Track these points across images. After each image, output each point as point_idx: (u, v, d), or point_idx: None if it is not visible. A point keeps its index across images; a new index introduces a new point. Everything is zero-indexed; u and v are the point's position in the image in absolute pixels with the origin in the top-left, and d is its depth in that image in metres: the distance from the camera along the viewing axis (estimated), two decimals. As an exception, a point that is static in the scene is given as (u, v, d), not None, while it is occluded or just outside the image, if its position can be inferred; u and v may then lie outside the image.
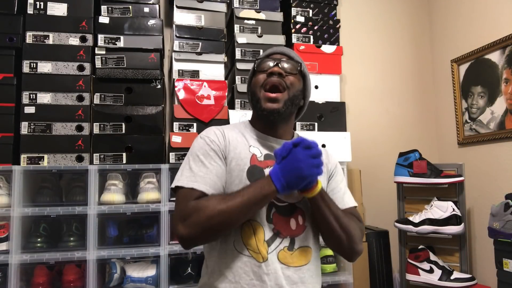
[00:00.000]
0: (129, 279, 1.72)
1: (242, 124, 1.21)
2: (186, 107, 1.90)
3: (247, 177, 1.06)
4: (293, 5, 2.19)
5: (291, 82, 1.12)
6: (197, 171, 1.04)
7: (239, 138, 1.13)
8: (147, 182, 1.80)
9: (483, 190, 2.26)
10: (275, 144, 1.14)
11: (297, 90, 1.14)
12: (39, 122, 1.76)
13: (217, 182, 1.05)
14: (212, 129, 1.13)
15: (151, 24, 1.92)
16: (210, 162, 1.05)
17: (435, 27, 2.73)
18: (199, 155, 1.07)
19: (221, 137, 1.11)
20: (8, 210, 1.65)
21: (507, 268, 1.77)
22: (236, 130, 1.16)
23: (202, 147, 1.08)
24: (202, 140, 1.10)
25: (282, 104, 1.10)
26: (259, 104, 1.11)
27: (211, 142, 1.09)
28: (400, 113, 2.68)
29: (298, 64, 1.16)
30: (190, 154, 1.09)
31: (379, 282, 2.18)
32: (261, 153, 1.12)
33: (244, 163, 1.08)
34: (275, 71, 1.11)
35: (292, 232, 1.07)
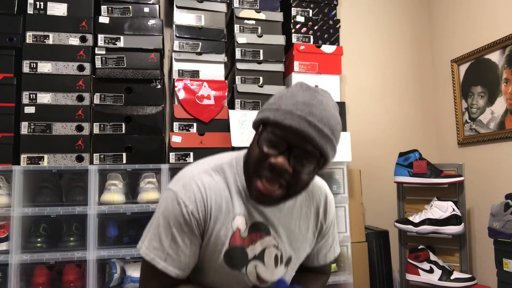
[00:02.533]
0: (129, 279, 1.72)
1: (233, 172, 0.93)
2: (186, 107, 1.90)
3: (225, 261, 0.90)
4: (293, 5, 2.19)
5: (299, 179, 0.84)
6: (167, 246, 0.86)
7: (224, 205, 0.90)
8: (147, 182, 1.80)
9: (483, 190, 2.26)
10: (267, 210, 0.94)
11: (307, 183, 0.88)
12: (39, 122, 1.76)
13: (188, 264, 0.89)
14: (193, 191, 0.88)
15: (151, 24, 1.92)
16: (183, 240, 0.87)
17: (435, 27, 2.73)
18: (172, 226, 0.86)
19: (202, 207, 0.88)
20: (8, 210, 1.65)
21: (507, 268, 1.77)
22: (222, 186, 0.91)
23: (176, 216, 0.86)
24: (178, 207, 0.86)
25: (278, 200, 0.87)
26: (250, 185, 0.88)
27: (188, 215, 0.86)
28: (400, 113, 2.68)
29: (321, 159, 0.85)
30: (162, 217, 0.88)
31: (379, 282, 2.18)
32: (246, 224, 0.91)
33: (222, 242, 0.89)
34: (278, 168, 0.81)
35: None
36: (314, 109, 0.80)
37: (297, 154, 0.81)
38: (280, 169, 0.81)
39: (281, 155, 0.81)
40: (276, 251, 0.96)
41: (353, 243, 2.03)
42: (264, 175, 0.83)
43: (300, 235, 1.00)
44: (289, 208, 0.98)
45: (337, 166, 2.07)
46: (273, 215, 0.95)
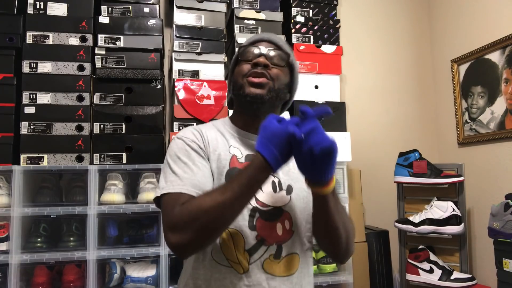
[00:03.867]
0: (129, 279, 1.72)
1: (221, 122, 1.11)
2: (186, 107, 1.90)
3: (226, 180, 0.96)
4: (293, 5, 2.19)
5: (277, 75, 1.02)
6: (182, 173, 0.92)
7: (219, 138, 1.03)
8: (147, 182, 1.80)
9: (483, 190, 2.26)
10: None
11: (283, 84, 1.04)
12: (39, 122, 1.76)
13: (206, 183, 0.93)
14: (189, 129, 1.03)
15: (151, 24, 1.92)
16: (194, 163, 0.95)
17: (435, 27, 2.73)
18: (180, 156, 0.96)
19: (200, 137, 1.00)
20: (8, 210, 1.65)
21: (507, 268, 1.77)
22: (214, 129, 1.06)
23: (181, 147, 0.97)
24: (180, 140, 0.99)
25: (267, 91, 1.00)
26: (242, 90, 1.01)
27: (191, 142, 0.98)
28: (400, 113, 2.68)
29: (286, 55, 1.05)
30: (170, 157, 0.97)
31: (379, 282, 2.18)
32: (241, 153, 1.02)
33: (223, 165, 0.98)
34: (260, 62, 1.00)
35: (279, 238, 0.97)
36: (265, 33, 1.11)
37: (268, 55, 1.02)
38: (262, 62, 1.00)
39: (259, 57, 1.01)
40: (272, 178, 1.01)
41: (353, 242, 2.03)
42: (252, 73, 1.00)
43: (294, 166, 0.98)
44: None
45: (337, 166, 2.07)
46: None
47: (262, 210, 0.97)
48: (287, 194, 1.01)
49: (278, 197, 1.00)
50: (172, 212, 0.86)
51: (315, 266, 1.95)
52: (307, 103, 2.07)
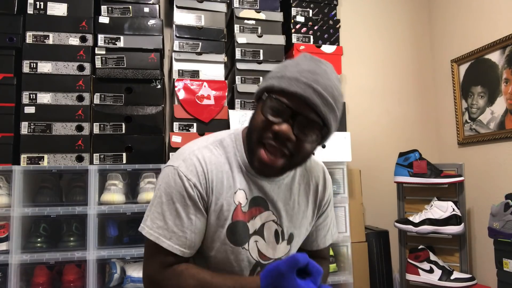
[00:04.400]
0: (129, 279, 1.72)
1: (233, 146, 0.93)
2: (186, 107, 1.90)
3: (228, 237, 0.89)
4: (293, 5, 2.19)
5: (302, 149, 0.84)
6: (171, 224, 0.85)
7: (225, 179, 0.89)
8: (147, 182, 1.80)
9: (483, 190, 2.26)
10: (266, 183, 0.93)
11: (308, 155, 0.88)
12: (39, 122, 1.76)
13: (194, 241, 0.87)
14: (194, 164, 0.87)
15: (151, 24, 1.92)
16: (189, 216, 0.85)
17: (435, 27, 2.73)
18: (176, 202, 0.85)
19: (204, 180, 0.87)
20: (8, 210, 1.65)
21: (507, 268, 1.77)
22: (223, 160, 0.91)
23: (179, 191, 0.85)
24: (180, 181, 0.86)
25: (280, 170, 0.87)
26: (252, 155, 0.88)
27: (191, 187, 0.85)
28: (400, 113, 2.68)
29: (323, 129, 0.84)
30: (165, 193, 0.87)
31: (379, 282, 2.18)
32: (246, 198, 0.91)
33: (225, 217, 0.88)
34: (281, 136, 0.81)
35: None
36: (319, 78, 0.81)
37: (300, 123, 0.81)
38: (284, 137, 0.81)
39: (284, 123, 0.81)
40: (276, 226, 0.95)
41: (353, 243, 2.03)
42: (268, 143, 0.83)
43: (299, 211, 0.99)
44: (288, 184, 0.98)
45: (337, 166, 2.07)
46: (271, 190, 0.94)
47: (264, 264, 0.94)
48: (287, 243, 0.99)
49: (279, 248, 0.97)
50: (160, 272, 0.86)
51: (315, 266, 1.95)
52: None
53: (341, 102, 0.86)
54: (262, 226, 0.94)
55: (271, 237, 0.94)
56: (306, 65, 0.83)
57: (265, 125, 0.83)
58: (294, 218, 0.98)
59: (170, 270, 0.86)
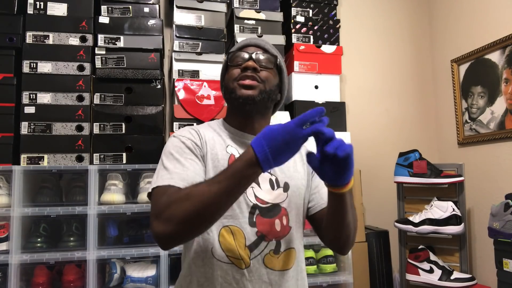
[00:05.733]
0: (129, 279, 1.72)
1: (216, 123, 1.12)
2: (186, 107, 1.90)
3: None
4: (293, 5, 2.19)
5: (266, 77, 1.05)
6: (172, 168, 0.94)
7: (216, 138, 1.05)
8: (147, 182, 1.80)
9: (483, 190, 2.26)
10: None
11: (273, 85, 1.07)
12: (39, 122, 1.76)
13: (195, 178, 0.93)
14: (187, 129, 1.06)
15: (151, 24, 1.92)
16: (186, 159, 0.96)
17: (435, 27, 2.73)
18: (173, 153, 0.98)
19: (197, 136, 1.02)
20: (8, 210, 1.65)
21: (507, 268, 1.77)
22: (210, 129, 1.08)
23: (176, 145, 0.99)
24: (176, 139, 1.01)
25: (258, 92, 1.02)
26: (233, 93, 1.04)
27: (186, 140, 1.00)
28: (400, 113, 2.68)
29: (274, 58, 1.08)
30: (164, 154, 1.00)
31: (379, 282, 2.18)
32: (239, 153, 1.03)
33: (222, 164, 0.99)
34: (249, 66, 1.03)
35: (278, 234, 1.00)
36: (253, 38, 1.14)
37: (256, 59, 1.05)
38: (251, 66, 1.03)
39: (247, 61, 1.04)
40: (269, 176, 1.04)
41: (353, 243, 2.03)
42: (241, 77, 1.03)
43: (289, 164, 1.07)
44: None
45: (337, 166, 2.07)
46: None
47: (262, 207, 1.00)
48: (284, 191, 1.04)
49: (276, 194, 1.03)
50: (159, 201, 0.87)
51: (315, 266, 1.95)
52: (307, 103, 2.07)
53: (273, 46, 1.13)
54: None
55: (266, 185, 1.02)
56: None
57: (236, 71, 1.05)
58: (285, 169, 1.06)
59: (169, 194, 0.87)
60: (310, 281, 1.83)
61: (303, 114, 0.79)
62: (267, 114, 1.12)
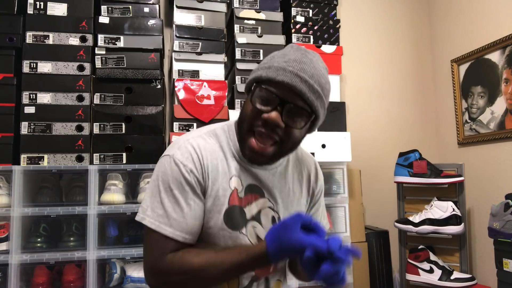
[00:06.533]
0: (129, 279, 1.72)
1: (225, 135, 0.95)
2: (186, 107, 1.90)
3: (225, 221, 0.89)
4: (293, 5, 2.19)
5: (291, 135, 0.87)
6: (171, 211, 0.85)
7: (220, 166, 0.91)
8: (147, 182, 1.80)
9: (483, 190, 2.26)
10: (260, 170, 0.95)
11: (297, 142, 0.91)
12: (39, 122, 1.76)
13: (194, 227, 0.87)
14: (189, 151, 0.88)
15: (151, 24, 1.92)
16: (187, 201, 0.86)
17: (435, 27, 2.73)
18: (173, 189, 0.86)
19: (199, 166, 0.88)
20: (8, 210, 1.65)
21: (507, 268, 1.77)
22: (217, 147, 0.93)
23: (176, 178, 0.87)
24: (176, 168, 0.87)
25: (270, 157, 0.90)
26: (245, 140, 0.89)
27: (188, 173, 0.87)
28: (400, 113, 2.68)
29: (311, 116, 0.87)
30: (162, 182, 0.88)
31: (379, 282, 2.18)
32: (242, 185, 0.92)
33: (222, 202, 0.89)
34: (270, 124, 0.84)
35: (269, 273, 0.97)
36: (305, 66, 0.84)
37: (288, 110, 0.84)
38: (273, 124, 0.84)
39: (273, 111, 0.84)
40: (272, 213, 0.96)
41: (353, 243, 2.03)
42: (258, 131, 0.86)
43: (294, 199, 1.01)
44: (282, 172, 1.00)
45: (337, 166, 2.07)
46: (266, 178, 0.96)
47: None
48: None
49: None
50: (161, 259, 0.85)
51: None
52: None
53: (328, 89, 0.90)
54: (259, 213, 0.94)
55: (269, 224, 0.95)
56: (293, 55, 0.86)
57: (255, 114, 0.86)
58: (290, 205, 1.00)
59: (171, 256, 0.85)
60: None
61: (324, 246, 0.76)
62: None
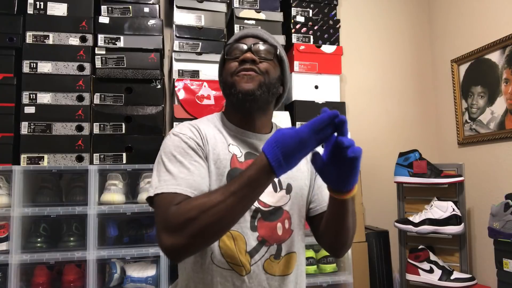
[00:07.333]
0: (129, 279, 1.72)
1: (216, 117, 1.06)
2: (186, 107, 1.90)
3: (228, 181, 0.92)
4: (293, 5, 2.19)
5: (266, 68, 0.99)
6: (177, 173, 0.88)
7: (217, 136, 0.99)
8: (147, 182, 1.80)
9: (483, 190, 2.26)
10: (255, 140, 1.02)
11: (274, 77, 1.01)
12: (39, 122, 1.76)
13: (202, 184, 0.89)
14: (186, 125, 0.98)
15: (151, 24, 1.92)
16: (191, 162, 0.90)
17: (435, 27, 2.73)
18: (176, 154, 0.91)
19: (198, 134, 0.96)
20: (8, 210, 1.65)
21: (507, 268, 1.77)
22: (211, 125, 1.02)
23: (178, 145, 0.92)
24: (176, 137, 0.94)
25: (258, 86, 0.96)
26: (233, 88, 0.98)
27: (188, 139, 0.93)
28: (400, 113, 2.68)
29: (274, 48, 1.02)
30: (164, 154, 0.92)
31: (379, 282, 2.18)
32: (241, 152, 0.99)
33: (224, 165, 0.94)
34: (248, 58, 0.98)
35: (279, 238, 0.97)
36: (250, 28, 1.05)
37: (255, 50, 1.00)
38: (250, 58, 0.98)
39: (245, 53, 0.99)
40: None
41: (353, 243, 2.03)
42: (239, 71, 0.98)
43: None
44: None
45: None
46: (261, 145, 0.96)
47: (264, 211, 0.96)
48: (286, 193, 1.00)
49: (278, 196, 0.99)
50: (167, 212, 0.82)
51: (315, 266, 1.95)
52: (307, 103, 2.07)
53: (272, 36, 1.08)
54: None
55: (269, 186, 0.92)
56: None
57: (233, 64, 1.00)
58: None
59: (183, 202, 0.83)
60: (310, 281, 1.84)
61: (316, 119, 0.74)
62: (269, 110, 1.05)
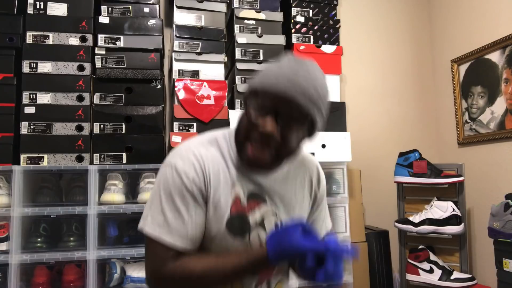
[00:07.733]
0: (129, 279, 1.72)
1: (226, 143, 0.95)
2: (186, 107, 1.90)
3: (228, 229, 0.90)
4: (293, 5, 2.19)
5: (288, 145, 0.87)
6: (172, 220, 0.85)
7: (222, 174, 0.91)
8: (147, 182, 1.80)
9: (483, 190, 2.26)
10: (262, 179, 0.95)
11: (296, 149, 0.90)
12: (39, 122, 1.76)
13: (195, 235, 0.88)
14: (191, 161, 0.88)
15: (151, 24, 1.92)
16: (188, 211, 0.86)
17: (435, 27, 2.73)
18: (175, 197, 0.86)
19: (201, 174, 0.88)
20: (8, 210, 1.65)
21: (507, 268, 1.77)
22: (218, 155, 0.92)
23: (178, 186, 0.86)
24: (177, 176, 0.87)
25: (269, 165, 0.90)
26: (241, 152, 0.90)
27: (191, 183, 0.87)
28: (400, 113, 2.68)
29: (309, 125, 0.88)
30: (163, 190, 0.87)
31: (379, 282, 2.18)
32: (244, 192, 0.92)
33: (224, 211, 0.89)
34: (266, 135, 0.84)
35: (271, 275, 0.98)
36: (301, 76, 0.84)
37: (285, 120, 0.84)
38: (269, 137, 0.84)
39: (269, 122, 0.84)
40: (275, 219, 0.96)
41: (353, 243, 2.03)
42: (254, 141, 0.86)
43: (296, 204, 1.01)
44: (284, 178, 0.99)
45: (337, 166, 2.07)
46: (267, 184, 0.96)
47: None
48: None
49: None
50: (164, 266, 0.86)
51: (315, 266, 1.95)
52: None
53: (326, 97, 0.89)
54: (262, 219, 0.95)
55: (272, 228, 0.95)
56: (288, 66, 0.86)
57: (251, 125, 0.86)
58: (292, 210, 0.99)
59: (172, 263, 0.86)
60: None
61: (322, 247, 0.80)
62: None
